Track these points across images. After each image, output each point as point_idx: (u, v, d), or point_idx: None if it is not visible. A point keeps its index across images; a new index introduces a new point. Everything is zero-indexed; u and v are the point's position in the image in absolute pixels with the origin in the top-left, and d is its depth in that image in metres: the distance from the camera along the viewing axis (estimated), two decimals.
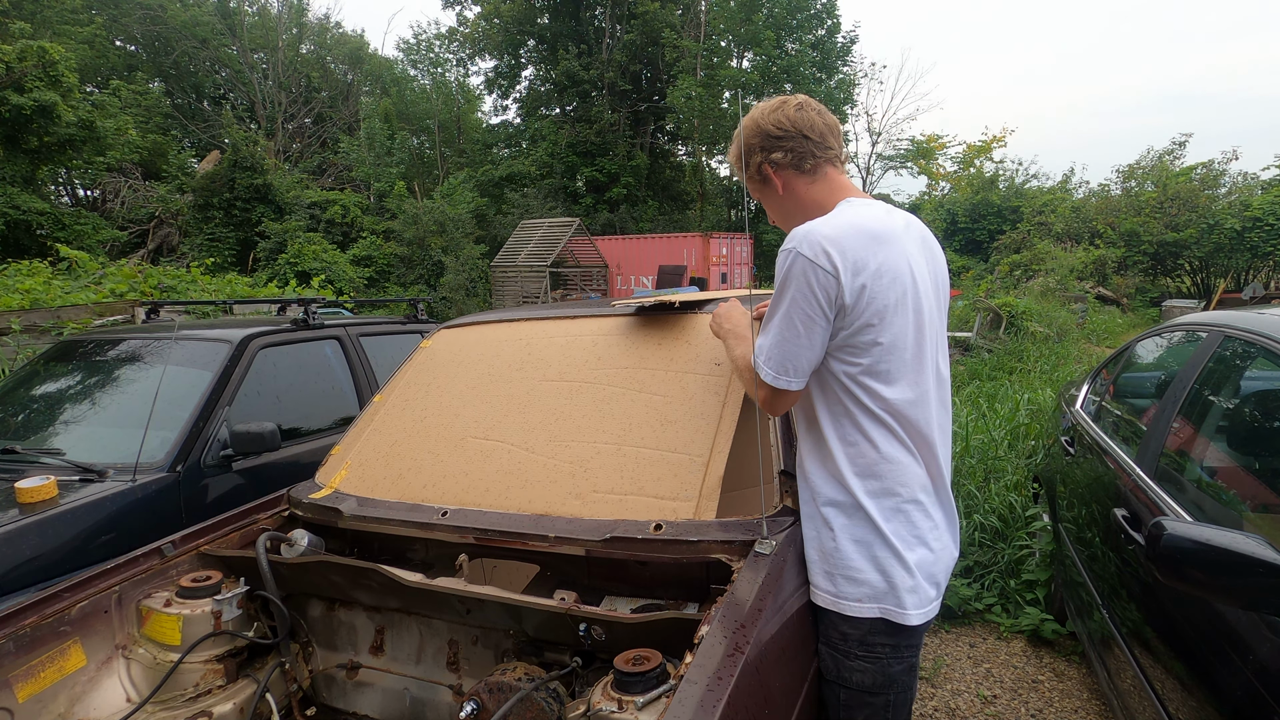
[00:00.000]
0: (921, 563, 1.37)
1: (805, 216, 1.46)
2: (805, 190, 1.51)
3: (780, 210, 1.58)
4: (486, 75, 29.42)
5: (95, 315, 6.86)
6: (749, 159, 1.53)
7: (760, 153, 1.51)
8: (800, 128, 1.47)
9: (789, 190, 1.52)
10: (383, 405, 2.29)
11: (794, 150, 1.48)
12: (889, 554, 1.36)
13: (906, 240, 1.39)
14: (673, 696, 1.06)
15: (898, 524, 1.37)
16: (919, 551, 1.38)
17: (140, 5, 24.81)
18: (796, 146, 1.48)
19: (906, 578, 1.35)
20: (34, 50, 13.98)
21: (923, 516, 1.39)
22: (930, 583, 1.39)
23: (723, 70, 23.12)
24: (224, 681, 1.70)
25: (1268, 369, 1.96)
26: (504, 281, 17.57)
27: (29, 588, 2.09)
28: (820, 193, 1.50)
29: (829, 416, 1.41)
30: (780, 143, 1.48)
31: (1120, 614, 2.11)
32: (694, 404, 1.82)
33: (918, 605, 1.36)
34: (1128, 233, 20.20)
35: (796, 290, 1.32)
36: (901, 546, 1.36)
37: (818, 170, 1.50)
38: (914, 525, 1.38)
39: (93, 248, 15.91)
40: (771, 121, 1.49)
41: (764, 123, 1.50)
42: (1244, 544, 1.25)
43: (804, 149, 1.48)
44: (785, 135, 1.48)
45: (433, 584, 1.55)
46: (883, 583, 1.36)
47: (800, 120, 1.48)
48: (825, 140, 1.49)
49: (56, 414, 3.00)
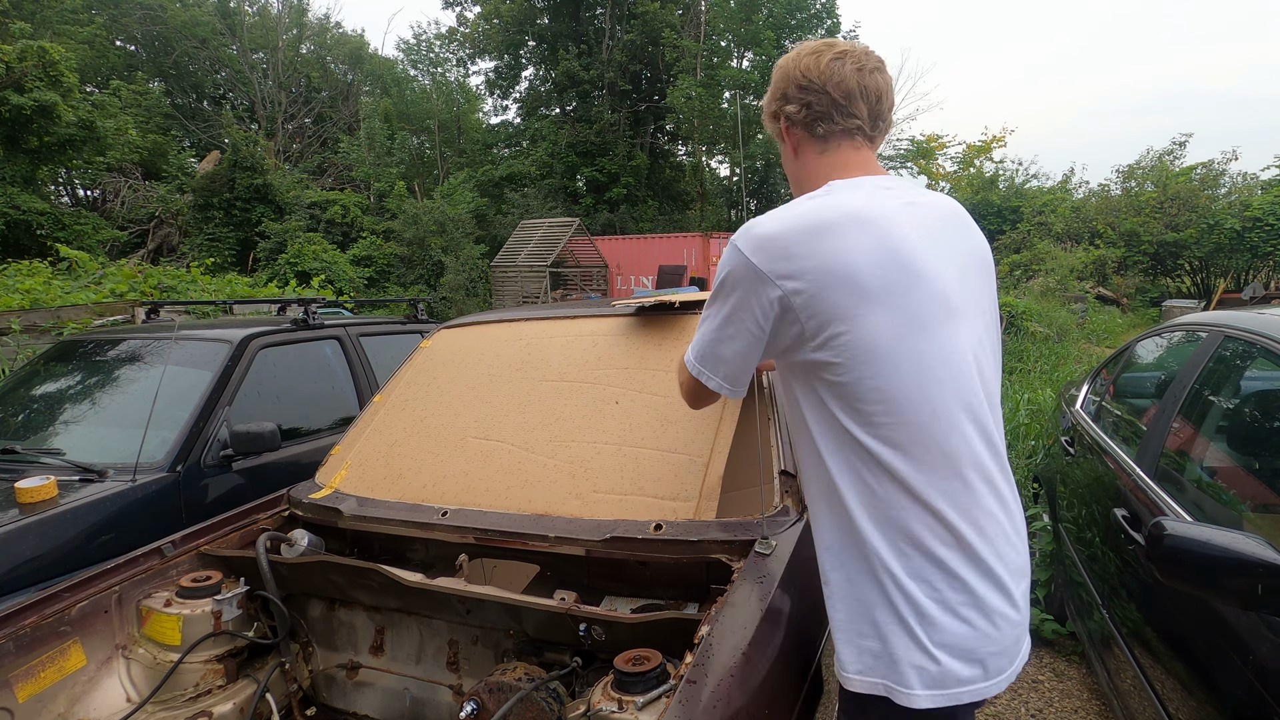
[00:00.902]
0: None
1: (801, 188, 1.26)
2: (814, 160, 1.24)
3: (792, 179, 1.31)
4: (486, 75, 29.43)
5: (95, 315, 6.86)
6: (770, 107, 1.27)
7: (777, 102, 1.25)
8: (826, 81, 1.18)
9: (800, 156, 1.26)
10: (383, 405, 2.29)
11: (810, 106, 1.20)
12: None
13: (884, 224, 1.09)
14: (673, 696, 1.06)
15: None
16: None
17: (140, 5, 24.81)
18: (815, 103, 1.20)
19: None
20: (34, 50, 13.98)
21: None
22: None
23: (723, 70, 23.13)
24: (224, 681, 1.70)
25: (1268, 369, 1.96)
26: (504, 281, 17.57)
27: (29, 588, 2.09)
28: (824, 168, 1.23)
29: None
30: (801, 94, 1.21)
31: (1120, 614, 2.11)
32: None
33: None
34: (1128, 233, 20.20)
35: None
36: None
37: (830, 140, 1.21)
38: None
39: (93, 248, 15.90)
40: (802, 67, 1.21)
41: (792, 66, 1.22)
42: (1244, 544, 1.25)
43: (822, 108, 1.20)
44: (809, 86, 1.20)
45: (433, 584, 1.55)
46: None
47: (830, 73, 1.18)
48: (850, 104, 1.19)
49: (56, 414, 3.00)
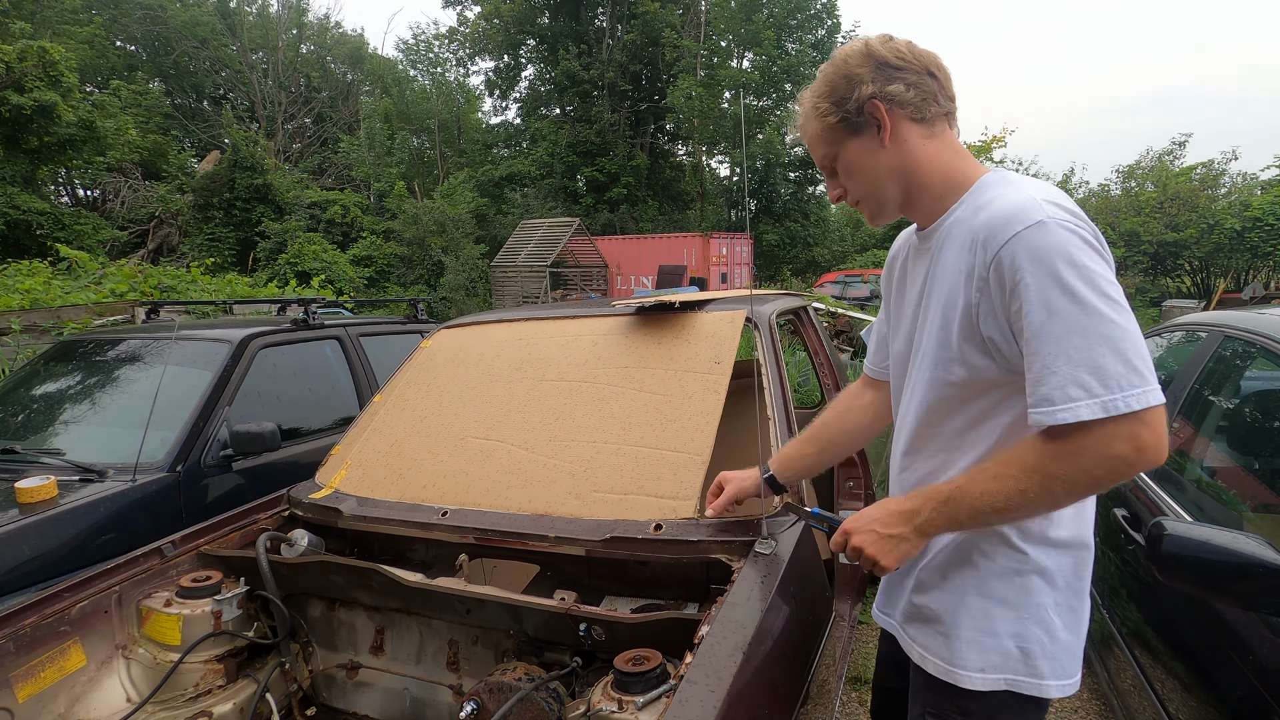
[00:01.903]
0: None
1: (908, 182, 1.13)
2: (922, 146, 1.11)
3: (872, 175, 1.14)
4: (486, 75, 29.45)
5: (95, 315, 6.86)
6: (849, 92, 1.10)
7: (870, 83, 1.09)
8: (925, 62, 1.11)
9: (898, 142, 1.10)
10: (383, 405, 2.29)
11: (918, 86, 1.09)
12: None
13: None
14: (673, 696, 1.06)
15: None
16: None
17: (140, 5, 24.82)
18: (921, 84, 1.09)
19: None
20: (34, 50, 13.98)
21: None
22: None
23: (723, 70, 23.13)
24: (224, 681, 1.70)
25: (1268, 369, 1.96)
26: (504, 281, 17.57)
27: (29, 588, 2.09)
28: (944, 154, 1.12)
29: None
30: (901, 74, 1.09)
31: (1120, 614, 2.11)
32: (694, 403, 1.82)
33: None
34: (1128, 233, 20.20)
35: (1097, 263, 0.94)
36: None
37: (936, 124, 1.12)
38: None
39: (93, 248, 15.91)
40: (889, 50, 1.10)
41: (878, 49, 1.10)
42: (1244, 544, 1.25)
43: (929, 89, 1.10)
44: (907, 66, 1.10)
45: (433, 584, 1.55)
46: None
47: (924, 54, 1.11)
48: (948, 87, 1.13)
49: (56, 414, 3.00)
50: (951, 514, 1.03)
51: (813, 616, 1.55)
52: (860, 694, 2.85)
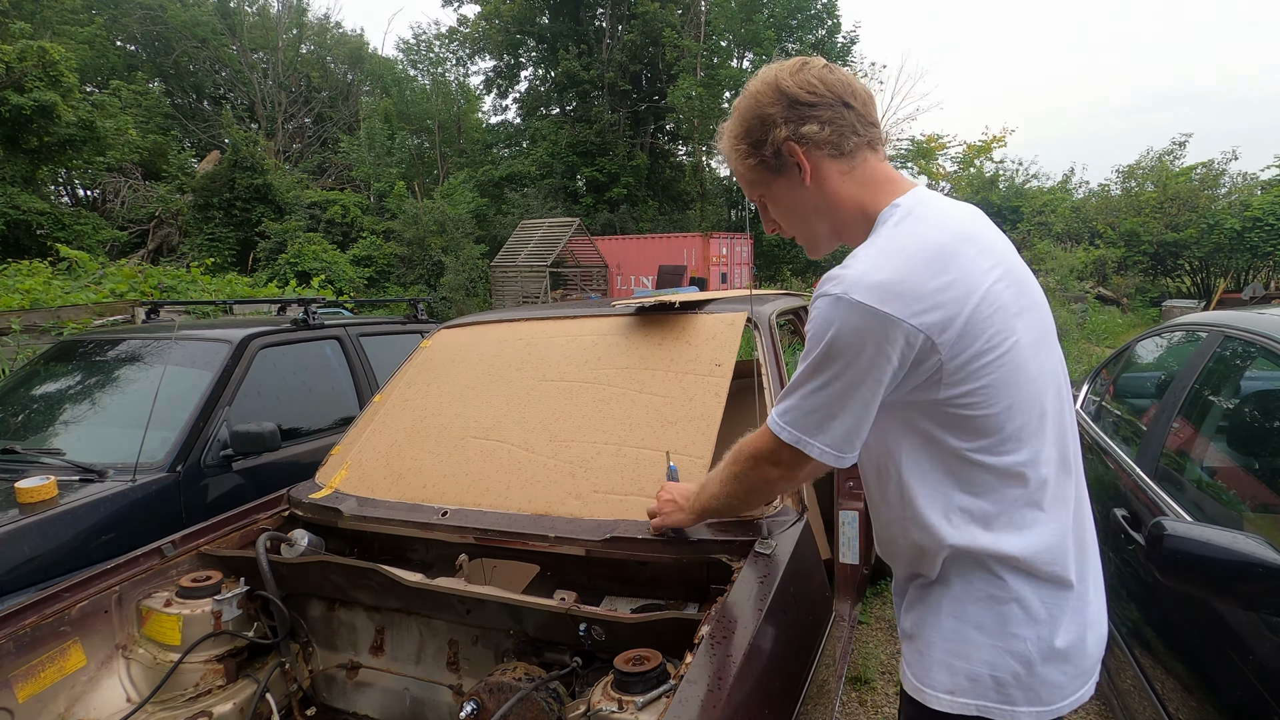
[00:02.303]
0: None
1: (834, 221, 1.13)
2: (841, 183, 1.10)
3: (799, 212, 1.15)
4: (486, 75, 29.44)
5: (95, 315, 6.87)
6: (764, 134, 1.09)
7: (784, 125, 1.07)
8: (839, 92, 1.07)
9: (819, 181, 1.10)
10: (383, 405, 2.29)
11: (833, 122, 1.07)
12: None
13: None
14: (673, 696, 1.06)
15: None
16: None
17: (140, 5, 24.81)
18: (836, 117, 1.07)
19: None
20: (34, 50, 13.98)
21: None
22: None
23: (723, 70, 23.12)
24: (224, 681, 1.70)
25: (1268, 369, 1.96)
26: (504, 281, 17.57)
27: (29, 588, 2.09)
28: (858, 190, 1.10)
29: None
30: (814, 111, 1.06)
31: (1120, 614, 2.11)
32: (695, 406, 1.82)
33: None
34: (1128, 233, 20.20)
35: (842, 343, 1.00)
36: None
37: (856, 155, 1.09)
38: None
39: (93, 248, 15.91)
40: (798, 83, 1.07)
41: (787, 84, 1.08)
42: (1244, 544, 1.25)
43: (845, 122, 1.07)
44: (820, 101, 1.07)
45: (433, 584, 1.55)
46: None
47: (837, 83, 1.08)
48: (868, 113, 1.10)
49: (56, 414, 3.00)
50: (697, 501, 1.36)
51: (813, 616, 1.55)
52: (860, 694, 2.85)
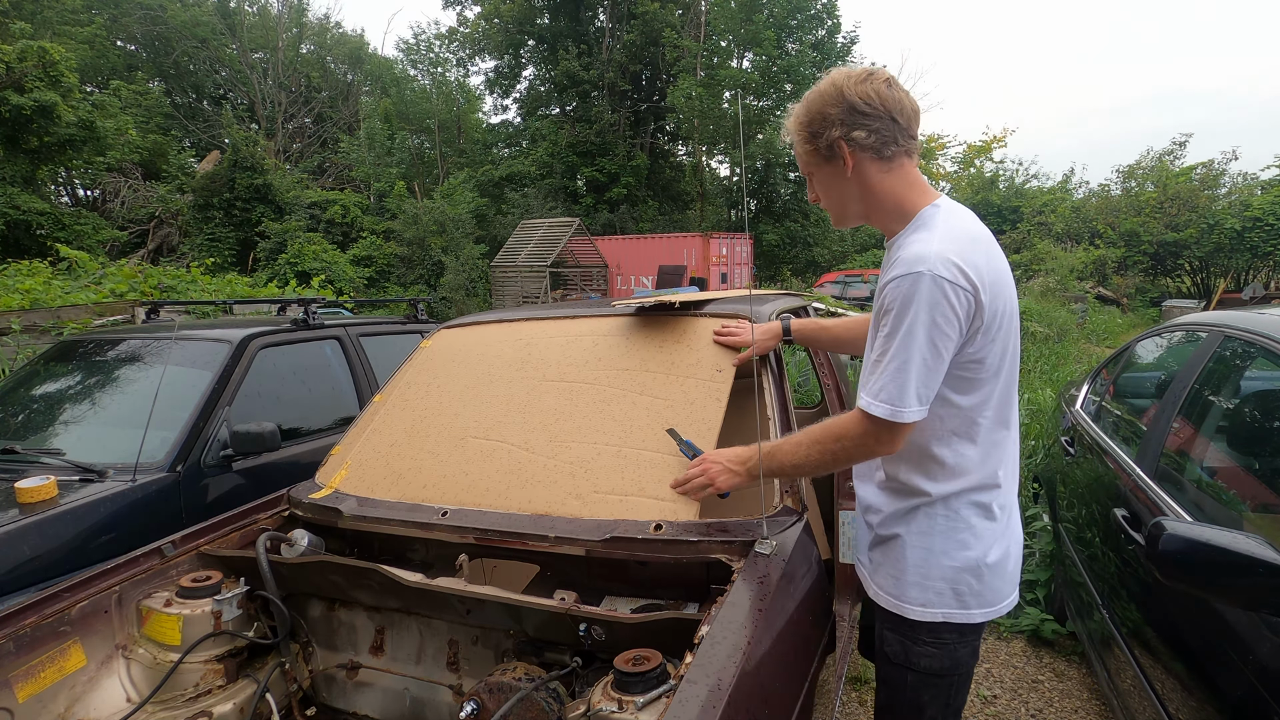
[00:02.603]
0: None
1: (867, 206, 1.40)
2: (880, 180, 1.36)
3: (838, 194, 1.42)
4: (486, 75, 29.48)
5: (95, 315, 6.86)
6: (822, 129, 1.35)
7: (840, 126, 1.33)
8: (890, 108, 1.32)
9: (859, 174, 1.36)
10: (383, 405, 2.29)
11: (879, 132, 1.32)
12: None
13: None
14: (673, 696, 1.06)
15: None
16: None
17: (140, 5, 24.82)
18: (883, 129, 1.32)
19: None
20: (34, 50, 13.99)
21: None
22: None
23: (723, 70, 23.12)
24: (224, 681, 1.70)
25: (1268, 369, 1.96)
26: (504, 281, 17.57)
27: (29, 588, 2.09)
28: (898, 186, 1.37)
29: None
30: (866, 120, 1.32)
31: (1120, 614, 2.11)
32: (695, 409, 1.81)
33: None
34: (1128, 233, 20.21)
35: (943, 315, 1.24)
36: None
37: (895, 160, 1.35)
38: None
39: (93, 248, 15.92)
40: (859, 94, 1.31)
41: (850, 93, 1.32)
42: (1244, 544, 1.25)
43: (890, 133, 1.33)
44: (873, 113, 1.32)
45: (433, 584, 1.55)
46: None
47: (891, 99, 1.32)
48: (910, 128, 1.35)
49: (56, 414, 3.00)
50: (770, 464, 1.47)
51: (813, 616, 1.55)
52: (860, 694, 2.85)
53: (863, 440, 1.33)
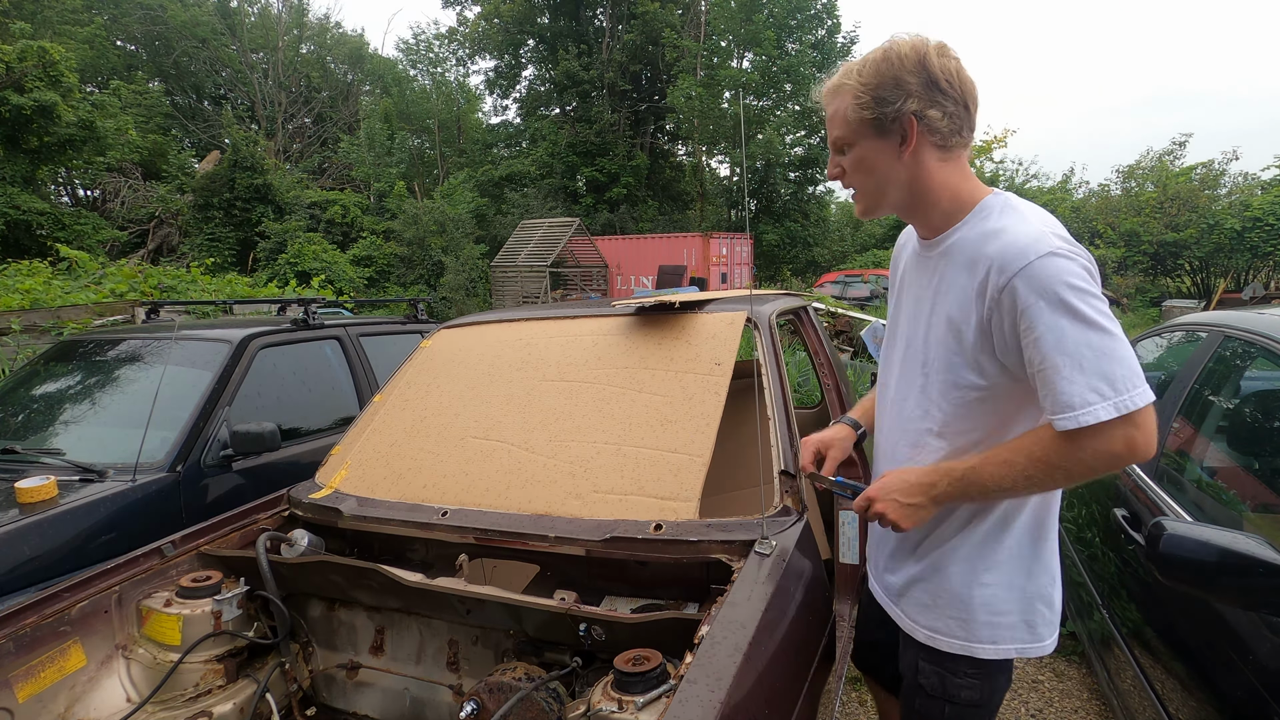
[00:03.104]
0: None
1: (913, 196, 1.22)
2: (936, 169, 1.20)
3: (881, 175, 1.22)
4: (486, 75, 29.48)
5: (95, 315, 6.86)
6: (894, 97, 1.14)
7: (916, 100, 1.14)
8: (966, 93, 1.17)
9: (916, 159, 1.18)
10: (383, 405, 2.29)
11: (953, 117, 1.16)
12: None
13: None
14: (673, 696, 1.06)
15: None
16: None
17: (140, 5, 24.83)
18: (957, 114, 1.16)
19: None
20: (34, 50, 13.99)
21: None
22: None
23: (723, 70, 23.12)
24: (224, 681, 1.70)
25: (1268, 369, 1.96)
26: (504, 281, 17.57)
27: (29, 588, 2.09)
28: (954, 178, 1.21)
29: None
30: (943, 101, 1.15)
31: (1120, 614, 2.11)
32: (694, 405, 1.81)
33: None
34: (1128, 233, 20.20)
35: (1092, 287, 1.09)
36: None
37: (954, 151, 1.20)
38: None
39: (93, 248, 15.92)
40: (942, 68, 1.14)
41: (933, 64, 1.14)
42: (1244, 544, 1.25)
43: (960, 121, 1.17)
44: (952, 94, 1.15)
45: (433, 584, 1.55)
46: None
47: (968, 84, 1.17)
48: (973, 121, 1.20)
49: (56, 414, 3.00)
50: (964, 489, 1.20)
51: (813, 616, 1.55)
52: (860, 694, 2.85)
53: (1112, 450, 1.07)
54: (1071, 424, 1.05)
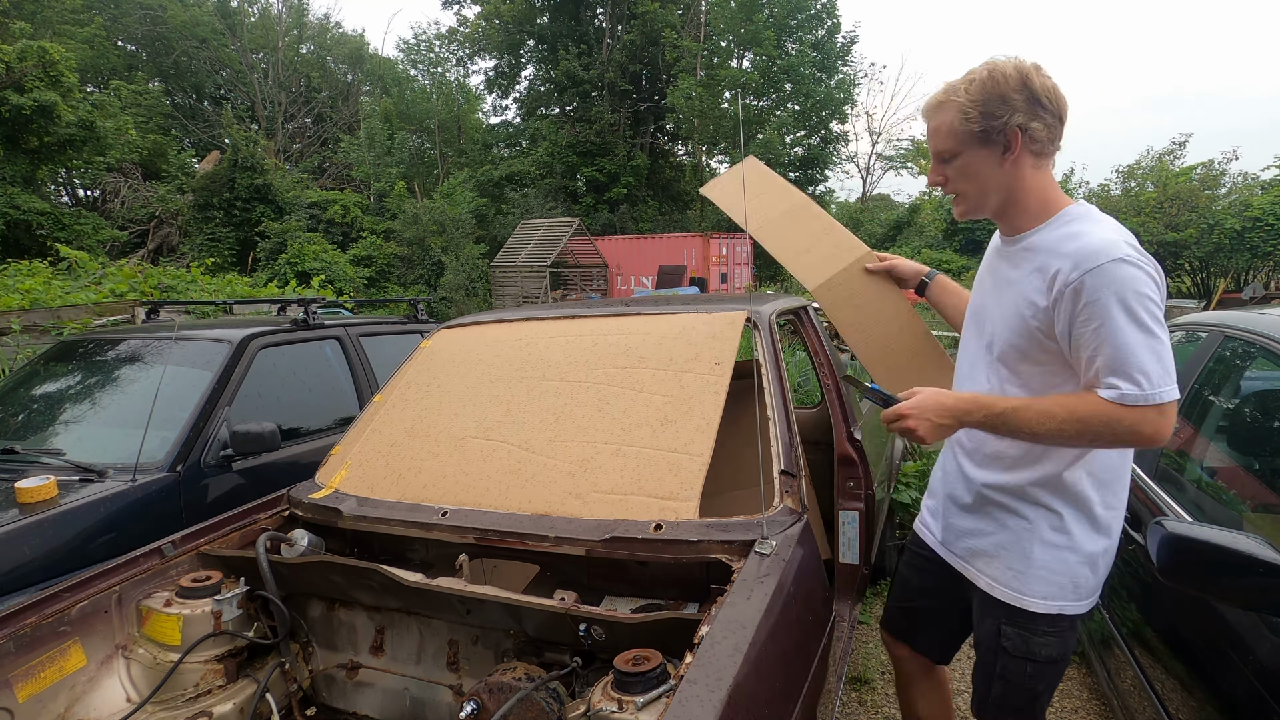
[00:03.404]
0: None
1: (1009, 199, 1.38)
2: (1030, 175, 1.36)
3: (984, 181, 1.38)
4: (486, 75, 29.49)
5: (95, 315, 6.86)
6: (1002, 112, 1.30)
7: (1022, 114, 1.30)
8: (1061, 109, 1.33)
9: (1016, 167, 1.35)
10: (383, 405, 2.29)
11: (1051, 129, 1.33)
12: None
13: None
14: (673, 696, 1.06)
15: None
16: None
17: (140, 5, 24.84)
18: (1054, 126, 1.33)
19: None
20: (34, 50, 13.99)
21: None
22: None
23: (723, 70, 23.14)
24: (224, 681, 1.70)
25: (1268, 369, 1.96)
26: (504, 281, 17.57)
27: (29, 588, 2.09)
28: (1044, 184, 1.38)
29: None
30: (1044, 114, 1.31)
31: (1120, 614, 2.11)
32: (694, 404, 1.81)
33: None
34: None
35: (1154, 293, 1.24)
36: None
37: (1046, 159, 1.37)
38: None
39: (93, 248, 15.92)
40: (1042, 85, 1.30)
41: (1035, 82, 1.30)
42: (1244, 544, 1.25)
43: (1056, 133, 1.34)
44: (1051, 109, 1.32)
45: (433, 584, 1.55)
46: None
47: (1063, 100, 1.33)
48: (1062, 133, 1.36)
49: (56, 414, 3.00)
50: (996, 424, 1.36)
51: (813, 616, 1.55)
52: (860, 694, 2.85)
53: (1140, 429, 1.25)
54: (1114, 397, 1.23)
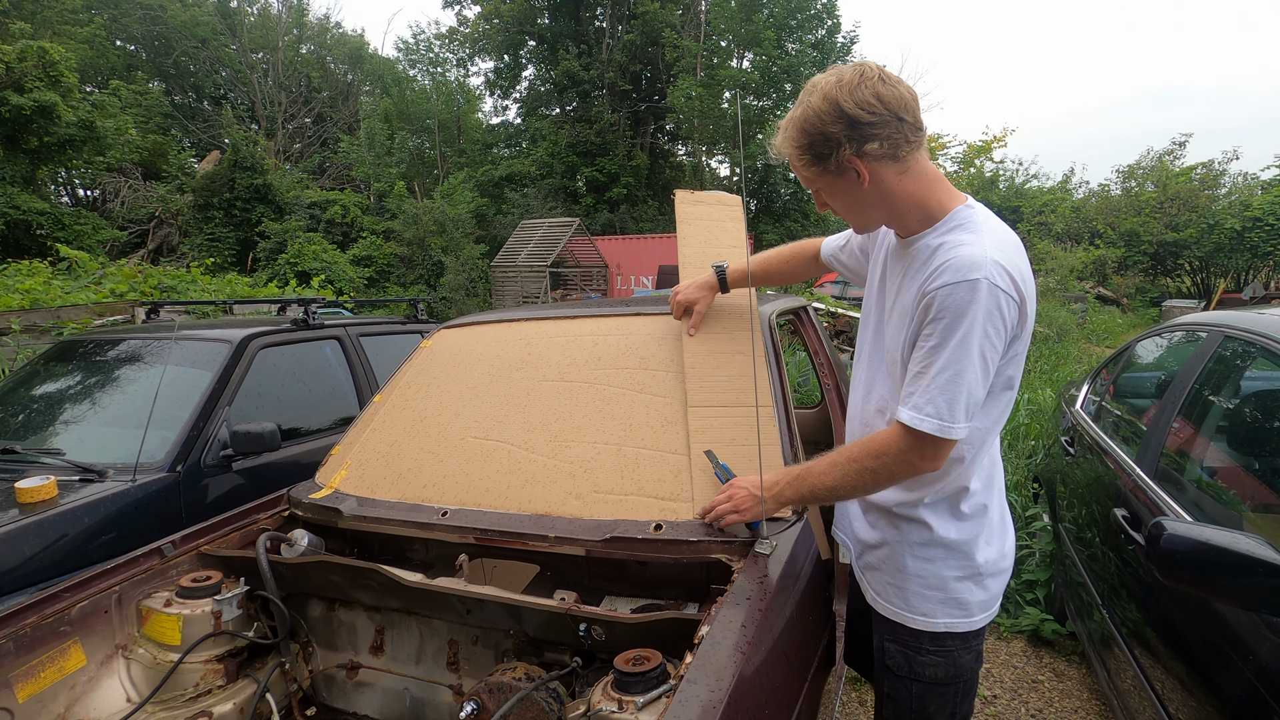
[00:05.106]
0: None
1: (890, 211, 1.31)
2: (899, 183, 1.26)
3: (855, 204, 1.32)
4: (486, 75, 29.42)
5: (95, 315, 6.85)
6: (827, 151, 1.22)
7: (847, 144, 1.21)
8: (894, 108, 1.19)
9: (876, 183, 1.25)
10: (383, 405, 2.29)
11: (890, 138, 1.20)
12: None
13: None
14: (673, 696, 1.06)
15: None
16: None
17: (140, 5, 24.83)
18: (893, 133, 1.20)
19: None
20: (34, 50, 13.99)
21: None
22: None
23: (723, 70, 23.12)
24: (224, 681, 1.70)
25: (1268, 369, 1.96)
26: (504, 281, 17.56)
27: (29, 588, 2.09)
28: (921, 188, 1.28)
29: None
30: (874, 130, 1.19)
31: (1120, 614, 2.11)
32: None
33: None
34: (1128, 233, 20.22)
35: (995, 326, 1.19)
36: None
37: (909, 159, 1.25)
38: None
39: (93, 248, 15.91)
40: (858, 102, 1.18)
41: (846, 103, 1.18)
42: (1244, 544, 1.25)
43: (900, 134, 1.21)
44: (878, 120, 1.19)
45: (433, 584, 1.55)
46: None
47: (892, 98, 1.19)
48: (916, 120, 1.23)
49: (56, 414, 3.00)
50: (798, 489, 1.40)
51: (813, 616, 1.55)
52: (860, 694, 2.85)
53: (905, 457, 1.24)
54: (907, 420, 1.22)
